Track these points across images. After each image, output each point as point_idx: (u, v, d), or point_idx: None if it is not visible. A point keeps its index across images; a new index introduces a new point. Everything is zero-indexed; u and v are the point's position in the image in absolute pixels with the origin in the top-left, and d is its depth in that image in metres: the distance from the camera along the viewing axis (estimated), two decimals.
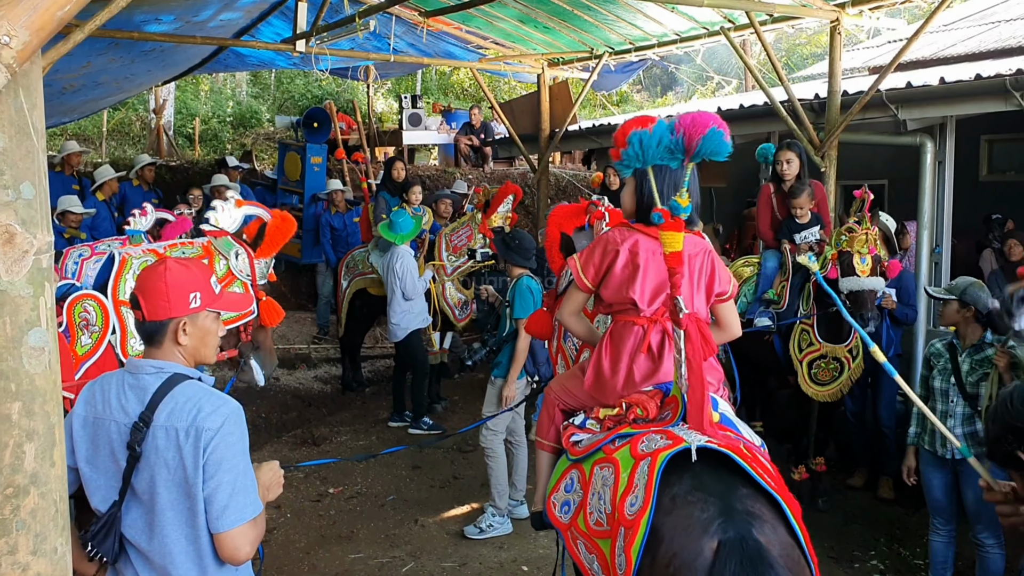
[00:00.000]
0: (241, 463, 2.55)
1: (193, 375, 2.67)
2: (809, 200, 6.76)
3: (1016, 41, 10.00)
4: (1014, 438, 2.13)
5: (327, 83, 21.79)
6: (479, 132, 15.97)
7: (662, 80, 26.68)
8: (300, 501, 6.95)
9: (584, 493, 3.11)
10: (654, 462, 2.82)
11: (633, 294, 3.29)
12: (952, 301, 4.94)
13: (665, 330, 3.31)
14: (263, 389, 9.43)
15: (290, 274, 12.92)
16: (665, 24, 9.53)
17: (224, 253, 4.23)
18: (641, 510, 2.74)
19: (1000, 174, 10.57)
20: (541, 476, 3.75)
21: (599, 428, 3.32)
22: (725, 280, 3.39)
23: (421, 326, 8.48)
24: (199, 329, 2.71)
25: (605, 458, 3.10)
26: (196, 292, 2.68)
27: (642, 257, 3.28)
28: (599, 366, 3.39)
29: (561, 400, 3.68)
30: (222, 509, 2.49)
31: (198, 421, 2.50)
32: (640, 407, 3.20)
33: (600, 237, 3.45)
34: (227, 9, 9.87)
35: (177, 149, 17.26)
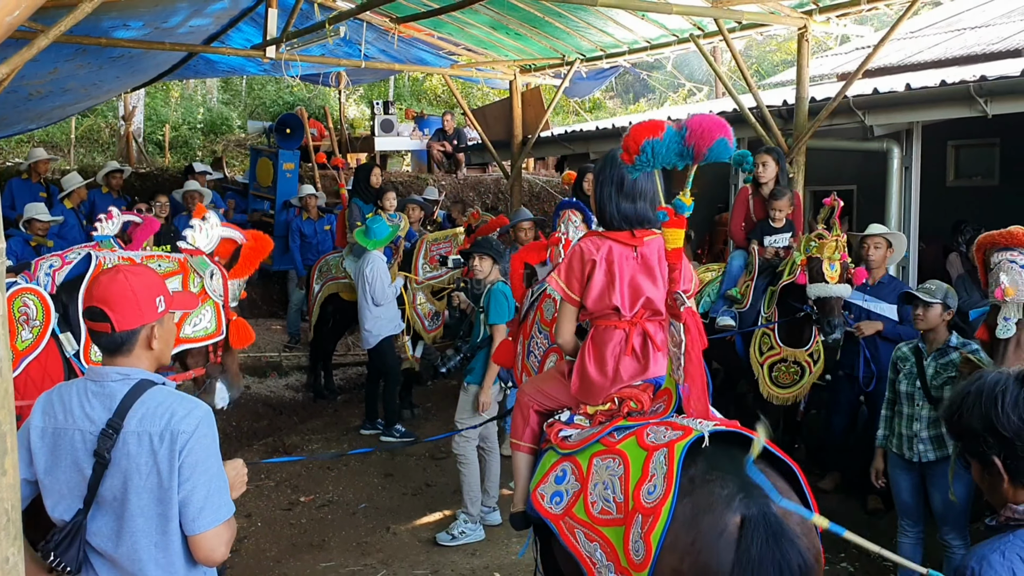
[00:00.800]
0: (215, 465, 2.56)
1: (159, 380, 2.66)
2: (788, 205, 6.83)
3: (981, 48, 10.14)
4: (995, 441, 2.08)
5: (298, 89, 21.71)
6: (452, 138, 15.97)
7: (634, 87, 26.80)
8: (271, 510, 6.90)
9: (582, 484, 3.17)
10: (672, 452, 2.91)
11: (615, 300, 3.36)
12: (936, 304, 4.99)
13: (646, 331, 3.40)
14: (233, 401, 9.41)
15: (261, 281, 12.83)
16: (636, 31, 9.58)
17: (199, 272, 4.22)
18: (662, 498, 2.83)
19: (967, 179, 10.72)
20: (520, 477, 3.76)
21: (589, 423, 3.40)
22: (688, 279, 3.43)
23: (393, 333, 8.44)
24: (166, 332, 2.73)
25: (606, 450, 3.17)
26: (161, 296, 2.69)
27: (617, 264, 3.36)
28: (584, 370, 3.44)
29: (536, 402, 3.72)
30: (198, 511, 2.50)
31: (172, 424, 2.50)
32: (633, 400, 3.30)
33: (573, 250, 3.50)
34: (196, 15, 9.81)
35: (147, 156, 17.11)
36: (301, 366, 10.83)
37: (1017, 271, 3.84)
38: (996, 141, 10.10)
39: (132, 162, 15.83)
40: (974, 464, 2.18)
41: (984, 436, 2.08)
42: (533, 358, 4.16)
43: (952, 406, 2.20)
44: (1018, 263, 3.85)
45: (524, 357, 4.29)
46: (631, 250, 3.39)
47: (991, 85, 6.47)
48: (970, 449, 2.16)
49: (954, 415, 2.17)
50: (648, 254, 3.41)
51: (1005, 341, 3.96)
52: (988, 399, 2.08)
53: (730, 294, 6.79)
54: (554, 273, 3.55)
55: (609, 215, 3.46)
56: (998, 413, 2.06)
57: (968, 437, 2.14)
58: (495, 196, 15.49)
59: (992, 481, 2.13)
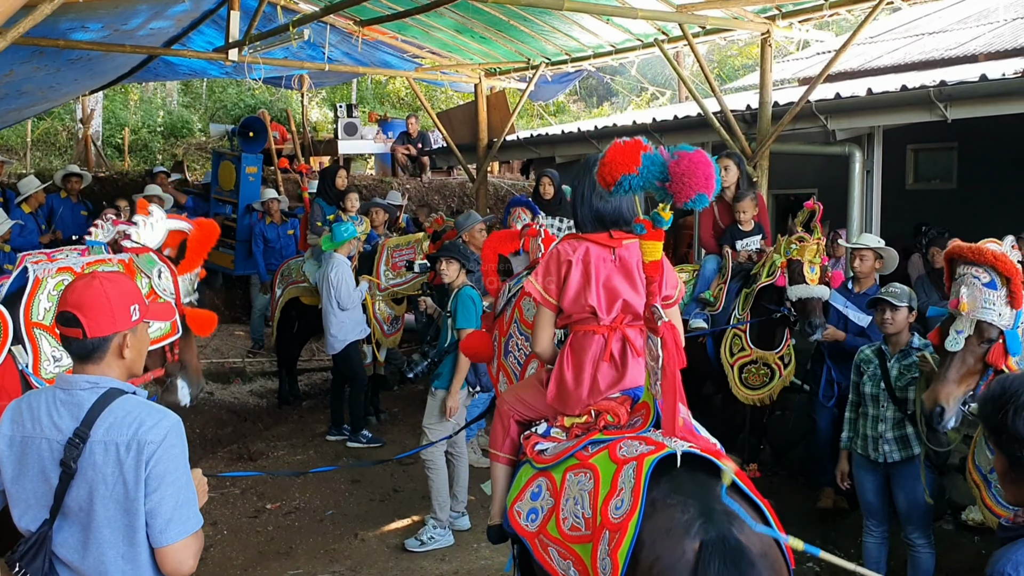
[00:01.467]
0: (183, 476, 2.53)
1: (129, 389, 2.62)
2: (752, 206, 6.87)
3: (939, 53, 10.31)
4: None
5: (260, 92, 21.52)
6: (416, 141, 15.92)
7: (598, 91, 26.90)
8: (237, 518, 6.82)
9: (555, 500, 3.12)
10: (640, 466, 2.84)
11: (591, 302, 3.29)
12: (903, 307, 5.05)
13: (625, 337, 3.33)
14: (197, 404, 9.27)
15: (224, 286, 12.71)
16: (600, 36, 9.63)
17: (146, 271, 4.10)
18: (629, 513, 2.77)
19: (926, 182, 10.90)
20: (499, 489, 3.69)
21: (566, 436, 3.33)
22: (672, 284, 3.38)
23: (359, 337, 8.36)
24: (139, 341, 2.69)
25: (579, 464, 3.10)
26: (135, 304, 2.65)
27: (593, 266, 3.30)
28: (561, 378, 3.37)
29: (516, 411, 3.65)
30: (166, 523, 2.47)
31: (140, 434, 2.46)
32: (610, 413, 3.23)
33: (549, 253, 3.44)
34: (157, 17, 9.70)
35: (106, 160, 16.88)
36: (265, 372, 10.72)
37: (978, 288, 3.88)
38: (954, 145, 10.28)
39: (91, 166, 15.61)
40: (1001, 458, 2.23)
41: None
42: (512, 359, 4.07)
43: (997, 403, 2.22)
44: (980, 280, 3.88)
45: (501, 355, 4.21)
46: (608, 251, 3.33)
47: (951, 90, 6.57)
48: (1006, 448, 2.21)
49: (999, 413, 2.20)
50: (627, 257, 3.34)
51: (952, 354, 4.02)
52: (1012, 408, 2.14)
53: (703, 297, 6.84)
54: (531, 276, 3.48)
55: (582, 217, 3.42)
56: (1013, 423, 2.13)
57: (1008, 437, 2.18)
58: (460, 200, 15.48)
59: (1017, 481, 2.20)
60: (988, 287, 3.87)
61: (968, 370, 3.99)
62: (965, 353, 3.96)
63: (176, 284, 4.20)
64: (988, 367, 3.98)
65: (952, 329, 3.99)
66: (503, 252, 4.58)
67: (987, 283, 3.88)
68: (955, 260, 4.03)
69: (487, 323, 4.38)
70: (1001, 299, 3.86)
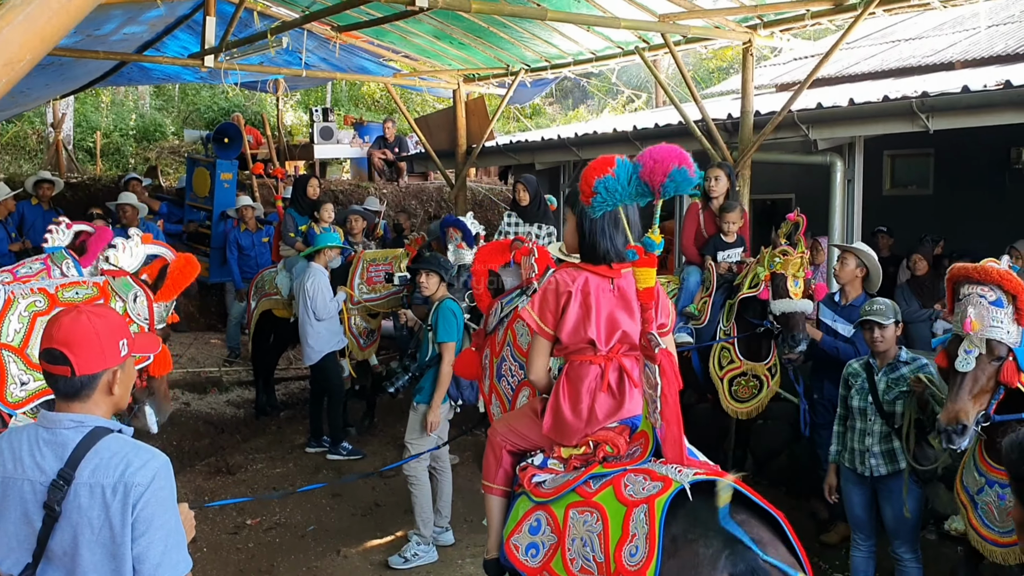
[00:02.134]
0: (172, 519, 2.45)
1: (115, 427, 2.53)
2: (739, 217, 6.84)
3: (916, 60, 10.37)
4: None
5: (234, 95, 21.33)
6: (393, 146, 15.80)
7: (573, 93, 26.90)
8: (216, 534, 6.70)
9: (559, 537, 3.06)
10: (652, 510, 2.78)
11: (591, 334, 3.24)
12: (890, 324, 5.04)
13: (622, 367, 3.28)
14: (173, 416, 9.14)
15: (199, 294, 12.55)
16: (580, 43, 9.59)
17: (122, 295, 4.03)
18: (646, 561, 2.72)
19: (902, 188, 10.96)
20: (493, 521, 3.61)
21: (564, 468, 3.27)
22: (665, 312, 3.33)
23: (336, 348, 8.25)
24: (127, 376, 2.61)
25: (583, 502, 3.04)
26: (124, 339, 2.56)
27: (593, 296, 3.24)
28: (558, 408, 3.31)
29: (509, 442, 3.58)
30: (155, 567, 2.40)
31: (127, 477, 2.38)
32: (610, 444, 3.18)
33: (548, 281, 3.37)
34: (131, 23, 9.56)
35: (77, 165, 16.63)
36: (242, 381, 10.58)
37: (985, 307, 3.88)
38: (931, 151, 10.34)
39: (62, 171, 15.38)
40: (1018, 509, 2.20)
41: None
42: (505, 383, 4.00)
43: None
44: (987, 299, 3.89)
45: (493, 377, 4.14)
46: (608, 282, 3.27)
47: (932, 101, 6.59)
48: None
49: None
50: (625, 287, 3.29)
51: (963, 374, 4.01)
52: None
53: (688, 311, 6.79)
54: (527, 305, 3.41)
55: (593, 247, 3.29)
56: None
57: None
58: (438, 204, 15.39)
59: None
60: (995, 305, 3.88)
61: (981, 388, 3.99)
62: (977, 372, 3.95)
63: (151, 310, 4.13)
64: (1000, 385, 3.98)
65: (961, 350, 3.97)
66: (492, 266, 4.47)
67: (994, 301, 3.88)
68: (959, 281, 4.01)
69: (477, 340, 4.32)
70: (1008, 316, 3.87)
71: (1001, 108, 6.36)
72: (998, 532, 4.19)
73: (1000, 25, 10.73)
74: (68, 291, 4.03)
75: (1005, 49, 9.57)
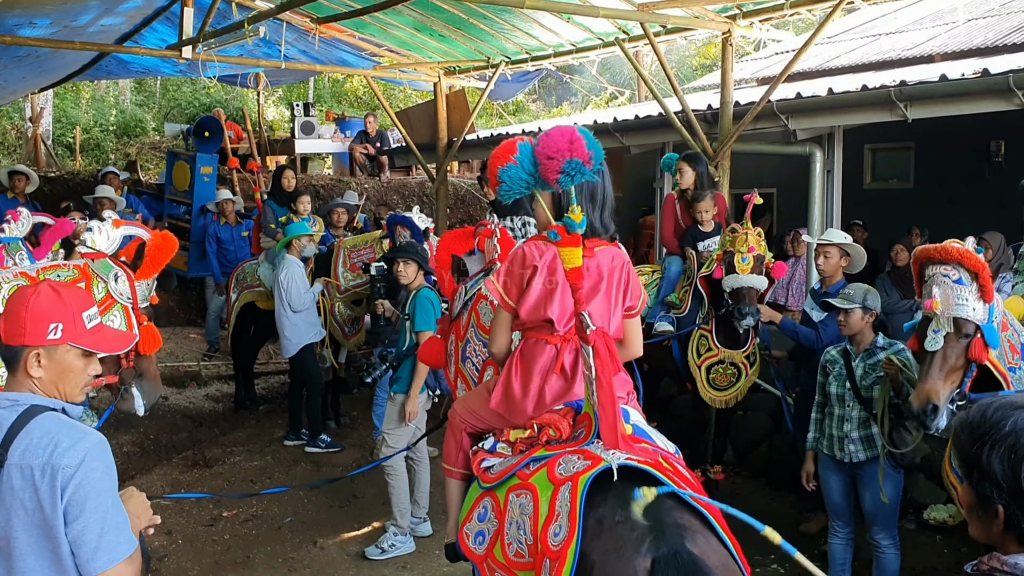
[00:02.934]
0: (108, 499, 2.36)
1: (54, 406, 2.45)
2: (711, 205, 6.80)
3: (896, 53, 10.39)
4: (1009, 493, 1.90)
5: (215, 90, 21.20)
6: (375, 141, 15.74)
7: (557, 90, 26.85)
8: (192, 526, 6.65)
9: (500, 522, 2.96)
10: (575, 487, 2.69)
11: (551, 313, 3.15)
12: (855, 308, 5.03)
13: (578, 349, 3.16)
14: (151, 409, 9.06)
15: (178, 288, 12.47)
16: (561, 34, 9.56)
17: (103, 276, 4.00)
18: (567, 540, 2.61)
19: (883, 181, 10.99)
20: (452, 505, 3.56)
21: (511, 452, 3.17)
22: (635, 295, 3.29)
23: (314, 340, 8.22)
24: (57, 364, 2.49)
25: (520, 484, 2.96)
26: (57, 323, 2.47)
27: (560, 273, 3.11)
28: (508, 386, 3.23)
29: (467, 423, 3.50)
30: (92, 551, 2.31)
31: (54, 458, 2.29)
32: (553, 427, 3.07)
33: (516, 253, 3.26)
34: (108, 14, 9.47)
35: (56, 160, 16.50)
36: (221, 375, 10.52)
37: (950, 285, 3.89)
38: (911, 145, 10.37)
39: (41, 165, 15.26)
40: (967, 491, 2.02)
41: (1000, 483, 1.91)
42: (470, 364, 3.95)
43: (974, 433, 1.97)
44: (951, 278, 3.90)
45: (459, 361, 4.08)
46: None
47: (911, 90, 6.59)
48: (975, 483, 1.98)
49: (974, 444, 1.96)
50: (596, 266, 3.19)
51: (932, 353, 4.01)
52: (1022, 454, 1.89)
53: (669, 300, 6.78)
54: (492, 276, 3.34)
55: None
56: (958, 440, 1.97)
57: (980, 472, 1.95)
58: (420, 199, 15.33)
59: (984, 520, 1.99)
60: (959, 283, 3.89)
61: (951, 367, 3.99)
62: (946, 349, 3.95)
63: (134, 289, 4.09)
64: (971, 363, 3.98)
65: (930, 330, 3.98)
66: (457, 252, 4.39)
67: (957, 280, 3.89)
68: (923, 262, 4.03)
69: (443, 327, 4.26)
70: (973, 294, 3.88)
71: (978, 96, 6.37)
72: None
73: (979, 19, 10.77)
74: (50, 273, 4.00)
75: (984, 42, 9.60)
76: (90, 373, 2.59)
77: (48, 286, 2.53)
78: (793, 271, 9.20)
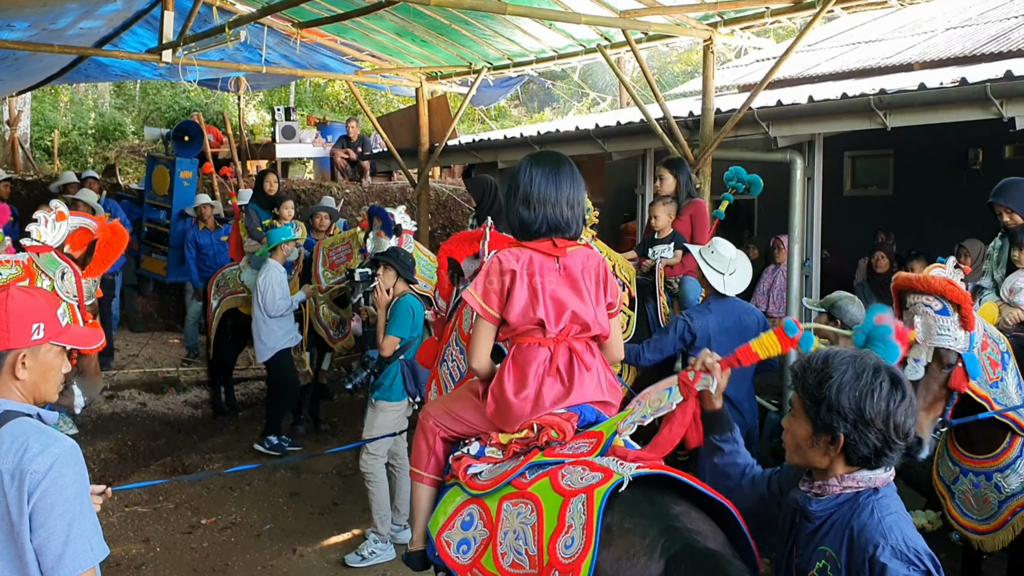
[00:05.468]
0: (76, 507, 2.34)
1: (29, 411, 2.44)
2: (665, 212, 6.66)
3: (876, 61, 10.47)
4: (853, 422, 2.36)
5: (195, 94, 21.07)
6: (356, 145, 15.69)
7: (539, 96, 26.89)
8: (170, 533, 6.58)
9: (490, 532, 2.88)
10: (591, 499, 2.62)
11: (540, 314, 3.09)
12: (822, 314, 5.05)
13: (572, 350, 3.13)
14: (129, 415, 9.02)
15: (157, 293, 12.39)
16: (543, 40, 9.57)
17: (48, 272, 3.87)
18: (582, 553, 2.56)
19: (863, 189, 11.06)
20: (420, 512, 3.40)
21: (502, 455, 3.09)
22: (613, 292, 3.24)
23: (289, 345, 8.22)
24: (40, 364, 2.49)
25: (517, 492, 2.87)
26: (40, 323, 2.47)
27: (539, 276, 3.10)
28: (502, 392, 3.13)
29: (444, 427, 3.37)
30: (57, 559, 2.29)
31: (23, 463, 2.28)
32: (556, 428, 2.99)
33: (491, 261, 3.20)
34: (87, 17, 9.40)
35: (34, 163, 16.37)
36: (200, 381, 10.44)
37: (931, 316, 3.86)
38: (890, 152, 10.45)
39: (18, 169, 15.15)
40: (804, 424, 2.43)
41: (846, 415, 2.34)
42: (446, 369, 3.86)
43: (820, 375, 2.38)
44: (932, 308, 3.86)
45: (437, 362, 4.00)
46: (553, 260, 3.13)
47: (890, 98, 6.62)
48: (820, 416, 2.38)
49: (822, 385, 2.37)
50: (571, 266, 3.15)
51: (914, 383, 4.02)
52: (865, 387, 2.33)
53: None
54: (469, 287, 3.25)
55: (510, 226, 3.24)
56: (872, 402, 2.33)
57: (828, 407, 2.36)
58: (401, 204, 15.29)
59: (817, 448, 2.43)
60: (941, 314, 3.85)
61: (934, 396, 3.98)
62: (928, 380, 3.95)
63: (80, 287, 3.97)
64: (952, 392, 3.97)
65: (910, 359, 3.97)
66: (456, 257, 4.24)
67: (939, 311, 3.85)
68: (904, 291, 4.02)
69: (438, 329, 4.15)
70: (955, 324, 3.84)
71: (957, 105, 6.40)
72: (976, 520, 4.26)
73: (957, 28, 10.86)
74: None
75: (963, 51, 9.68)
76: (64, 371, 2.59)
77: (18, 289, 2.52)
78: (774, 278, 9.24)
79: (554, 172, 3.15)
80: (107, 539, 2.44)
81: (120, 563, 5.98)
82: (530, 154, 3.31)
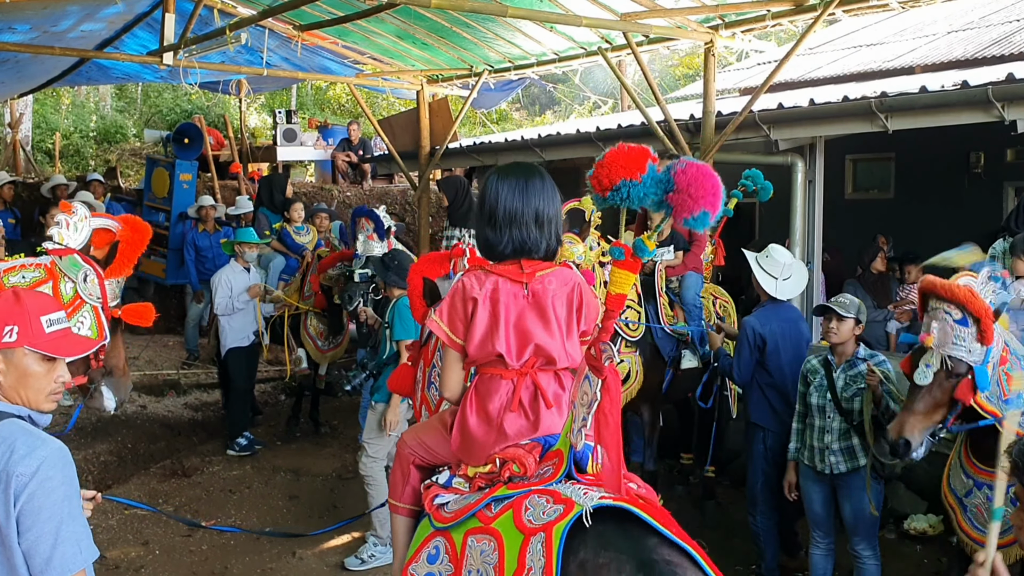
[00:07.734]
0: (65, 509, 2.31)
1: (19, 413, 2.42)
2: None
3: (876, 65, 10.44)
4: None
5: (197, 97, 21.09)
6: (357, 148, 15.69)
7: (540, 99, 26.91)
8: (169, 537, 6.57)
9: (455, 567, 2.73)
10: (549, 540, 2.48)
11: (499, 347, 2.89)
12: (849, 319, 5.04)
13: (536, 384, 2.93)
14: (129, 418, 9.00)
15: (157, 296, 12.37)
16: (544, 43, 9.56)
17: (71, 275, 3.84)
18: None
19: (864, 192, 11.04)
20: (399, 544, 3.30)
21: (468, 488, 2.93)
22: (591, 317, 3.02)
23: (240, 344, 8.39)
24: (15, 367, 2.45)
25: (481, 527, 2.71)
26: (13, 326, 2.43)
27: (503, 304, 2.89)
28: (465, 425, 2.96)
29: (417, 456, 3.25)
30: (45, 561, 2.27)
31: (9, 465, 2.26)
32: (517, 463, 2.82)
33: (455, 286, 3.01)
34: (88, 20, 9.42)
35: (36, 166, 16.37)
36: (200, 384, 10.44)
37: (949, 324, 3.86)
38: (892, 155, 10.42)
39: (20, 171, 15.15)
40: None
41: None
42: (434, 390, 3.71)
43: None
44: (952, 316, 3.87)
45: (424, 387, 3.84)
46: (520, 287, 2.91)
47: (891, 101, 6.61)
48: None
49: None
50: (540, 292, 2.92)
51: (919, 387, 4.01)
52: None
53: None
54: (434, 313, 3.06)
55: (477, 243, 3.07)
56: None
57: None
58: (402, 207, 15.31)
59: None
60: (959, 324, 3.85)
61: (936, 403, 3.97)
62: (933, 387, 3.94)
63: (103, 289, 3.95)
64: (956, 401, 3.96)
65: (922, 362, 3.97)
66: (430, 276, 4.04)
67: (958, 320, 3.85)
68: (927, 295, 4.01)
69: (413, 353, 4.01)
70: (971, 336, 3.84)
71: (958, 108, 6.38)
72: None
73: (959, 31, 10.84)
74: (14, 275, 3.85)
75: (964, 54, 9.66)
76: (57, 379, 2.54)
77: (10, 291, 2.50)
78: None
79: (521, 187, 2.95)
80: (106, 542, 2.43)
81: (119, 566, 5.97)
82: (497, 167, 3.10)
